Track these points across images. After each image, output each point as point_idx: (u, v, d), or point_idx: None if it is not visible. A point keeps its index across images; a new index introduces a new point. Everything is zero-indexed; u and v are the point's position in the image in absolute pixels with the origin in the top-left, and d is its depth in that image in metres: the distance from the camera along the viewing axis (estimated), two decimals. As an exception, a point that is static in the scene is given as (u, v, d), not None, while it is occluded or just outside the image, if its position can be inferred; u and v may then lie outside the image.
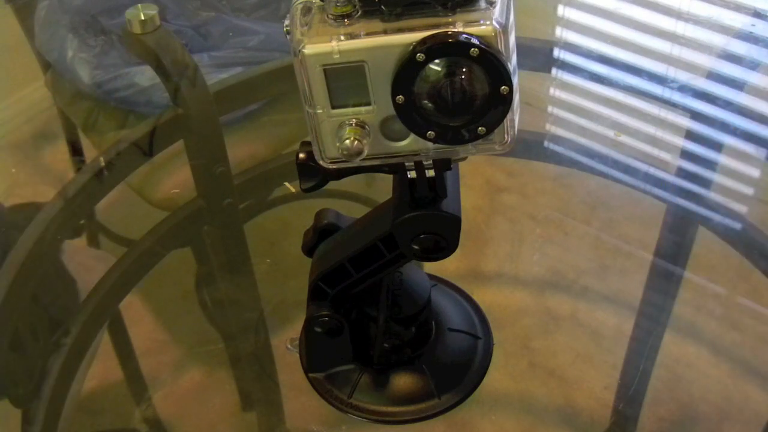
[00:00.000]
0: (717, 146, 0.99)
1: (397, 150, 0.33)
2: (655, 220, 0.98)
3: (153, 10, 0.93)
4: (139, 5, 0.94)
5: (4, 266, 0.74)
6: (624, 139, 1.04)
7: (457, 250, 0.38)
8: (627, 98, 1.06)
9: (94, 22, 1.17)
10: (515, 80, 0.30)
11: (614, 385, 1.01)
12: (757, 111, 0.99)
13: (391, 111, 0.31)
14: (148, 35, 0.93)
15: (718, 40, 1.20)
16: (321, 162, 0.34)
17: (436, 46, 0.29)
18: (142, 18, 0.93)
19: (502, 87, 0.30)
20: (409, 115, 0.31)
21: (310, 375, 0.45)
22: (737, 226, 0.92)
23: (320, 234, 0.45)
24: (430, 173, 0.35)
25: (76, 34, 1.16)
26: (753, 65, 1.09)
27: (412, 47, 0.30)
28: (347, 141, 0.32)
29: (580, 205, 1.41)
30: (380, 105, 0.31)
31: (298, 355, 0.47)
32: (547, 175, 1.42)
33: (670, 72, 1.08)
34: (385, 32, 0.30)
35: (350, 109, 0.32)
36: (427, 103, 0.30)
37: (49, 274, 0.85)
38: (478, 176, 1.53)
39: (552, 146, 1.05)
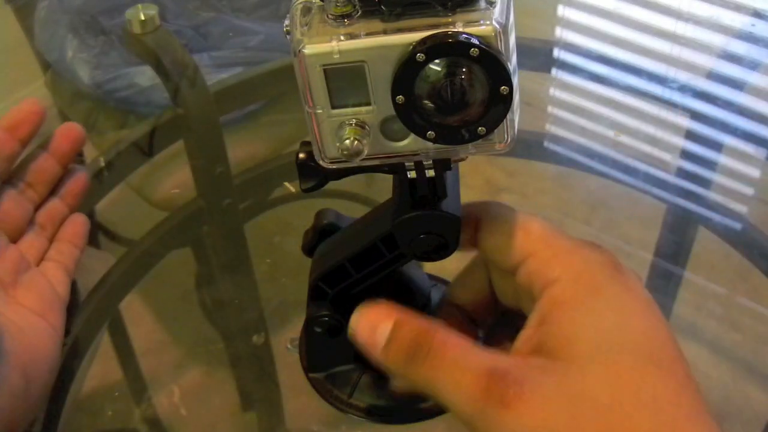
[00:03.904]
0: (717, 146, 0.99)
1: (397, 150, 0.33)
2: (655, 220, 0.97)
3: (153, 10, 0.93)
4: (139, 5, 0.94)
5: (4, 266, 0.74)
6: (624, 139, 1.04)
7: (457, 250, 0.38)
8: (627, 98, 1.06)
9: (94, 22, 1.17)
10: (515, 80, 0.30)
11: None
12: (757, 111, 0.98)
13: (391, 111, 0.31)
14: (148, 35, 0.93)
15: (718, 40, 1.20)
16: (321, 162, 0.34)
17: (435, 46, 0.29)
18: (142, 18, 0.92)
19: (502, 87, 0.30)
20: (409, 115, 0.31)
21: (310, 375, 0.45)
22: (737, 226, 0.92)
23: (320, 234, 0.45)
24: (430, 173, 0.35)
25: (76, 34, 1.16)
26: (753, 65, 1.09)
27: (411, 47, 0.30)
28: (347, 141, 0.32)
29: (580, 205, 1.41)
30: (380, 105, 0.31)
31: (298, 355, 0.47)
32: (547, 175, 1.42)
33: (670, 72, 1.08)
34: (385, 32, 0.30)
35: (350, 109, 0.32)
36: (427, 103, 0.30)
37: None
38: (478, 176, 1.53)
39: (552, 146, 1.05)
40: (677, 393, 0.31)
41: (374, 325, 0.35)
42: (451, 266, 0.44)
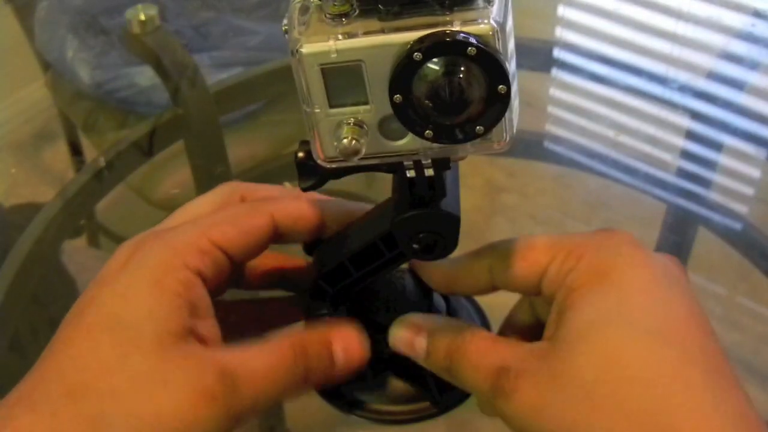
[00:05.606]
0: (717, 146, 0.99)
1: (396, 149, 0.33)
2: (655, 220, 0.97)
3: (153, 10, 0.93)
4: (139, 5, 0.94)
5: (4, 266, 0.74)
6: (624, 139, 1.04)
7: (458, 250, 0.38)
8: (627, 98, 1.06)
9: (94, 22, 1.17)
10: (515, 84, 0.30)
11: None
12: (757, 111, 0.98)
13: (389, 110, 0.31)
14: (148, 35, 0.93)
15: (718, 40, 1.20)
16: (319, 162, 0.33)
17: (433, 46, 0.29)
18: (142, 18, 0.93)
19: (500, 86, 0.29)
20: (407, 114, 0.31)
21: (310, 375, 0.45)
22: (737, 226, 0.92)
23: (320, 233, 0.45)
24: (429, 172, 0.35)
25: (76, 34, 1.16)
26: (753, 65, 1.09)
27: (409, 46, 0.30)
28: (345, 140, 0.32)
29: (580, 205, 1.41)
30: (378, 104, 0.31)
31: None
32: (547, 175, 1.42)
33: (670, 72, 1.08)
34: (383, 31, 0.30)
35: (348, 109, 0.32)
36: (425, 103, 0.30)
37: (49, 274, 0.85)
38: (478, 176, 1.53)
39: (552, 146, 1.04)
40: (680, 367, 0.31)
41: (410, 340, 0.39)
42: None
